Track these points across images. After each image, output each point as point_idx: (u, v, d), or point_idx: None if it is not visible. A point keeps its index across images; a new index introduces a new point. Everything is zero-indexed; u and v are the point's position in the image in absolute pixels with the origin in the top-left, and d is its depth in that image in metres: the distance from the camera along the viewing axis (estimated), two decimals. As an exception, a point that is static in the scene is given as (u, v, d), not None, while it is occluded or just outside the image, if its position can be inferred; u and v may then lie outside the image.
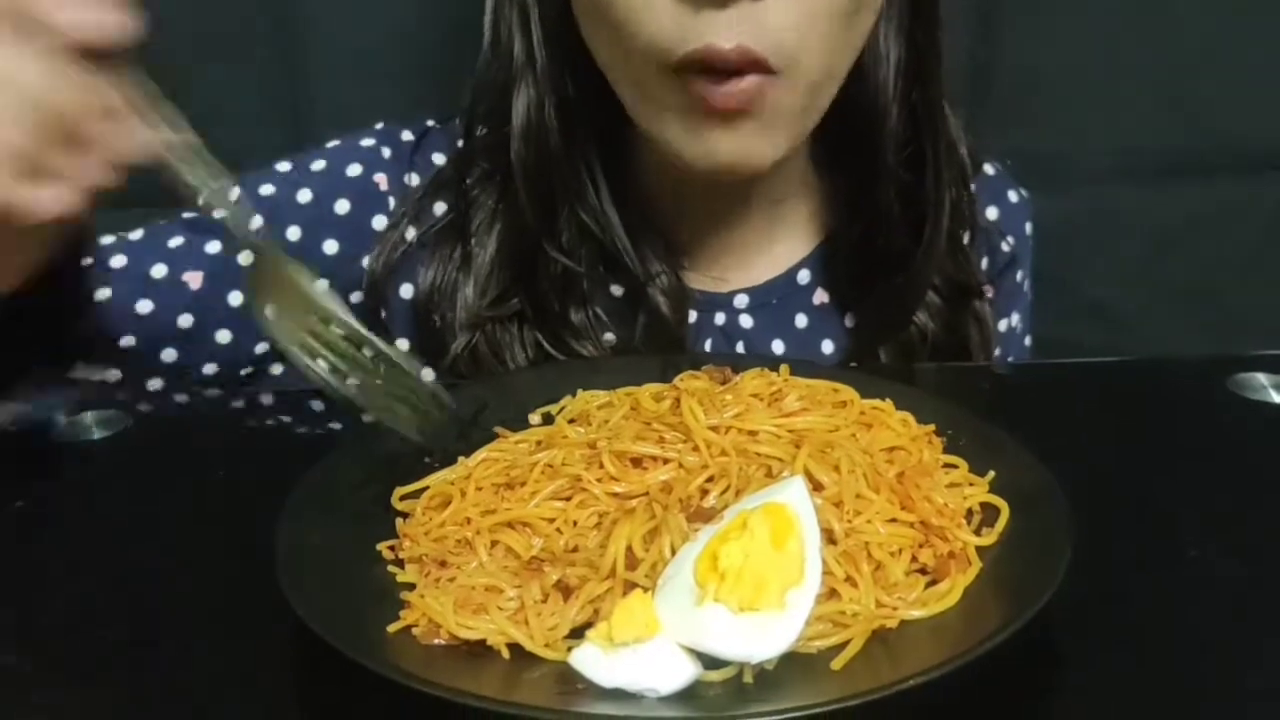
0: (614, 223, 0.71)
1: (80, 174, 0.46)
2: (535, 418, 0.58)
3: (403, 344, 0.73)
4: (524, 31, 0.69)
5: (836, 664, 0.41)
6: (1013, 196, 0.84)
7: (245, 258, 0.46)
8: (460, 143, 0.74)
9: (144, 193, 0.50)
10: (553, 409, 0.59)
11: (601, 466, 0.51)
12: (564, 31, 0.67)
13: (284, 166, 0.74)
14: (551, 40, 0.69)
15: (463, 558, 0.47)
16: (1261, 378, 0.65)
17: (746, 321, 0.76)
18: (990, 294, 0.79)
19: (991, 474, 0.51)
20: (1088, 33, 0.97)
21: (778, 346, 0.76)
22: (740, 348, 0.76)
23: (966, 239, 0.77)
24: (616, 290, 0.73)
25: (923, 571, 0.46)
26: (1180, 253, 1.04)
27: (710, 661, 0.41)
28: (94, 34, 0.45)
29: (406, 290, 0.73)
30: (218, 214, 0.46)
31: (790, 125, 0.64)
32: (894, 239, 0.73)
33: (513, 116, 0.69)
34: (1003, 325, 0.82)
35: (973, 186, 0.78)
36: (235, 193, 0.47)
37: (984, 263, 0.80)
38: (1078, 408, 0.66)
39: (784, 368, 0.59)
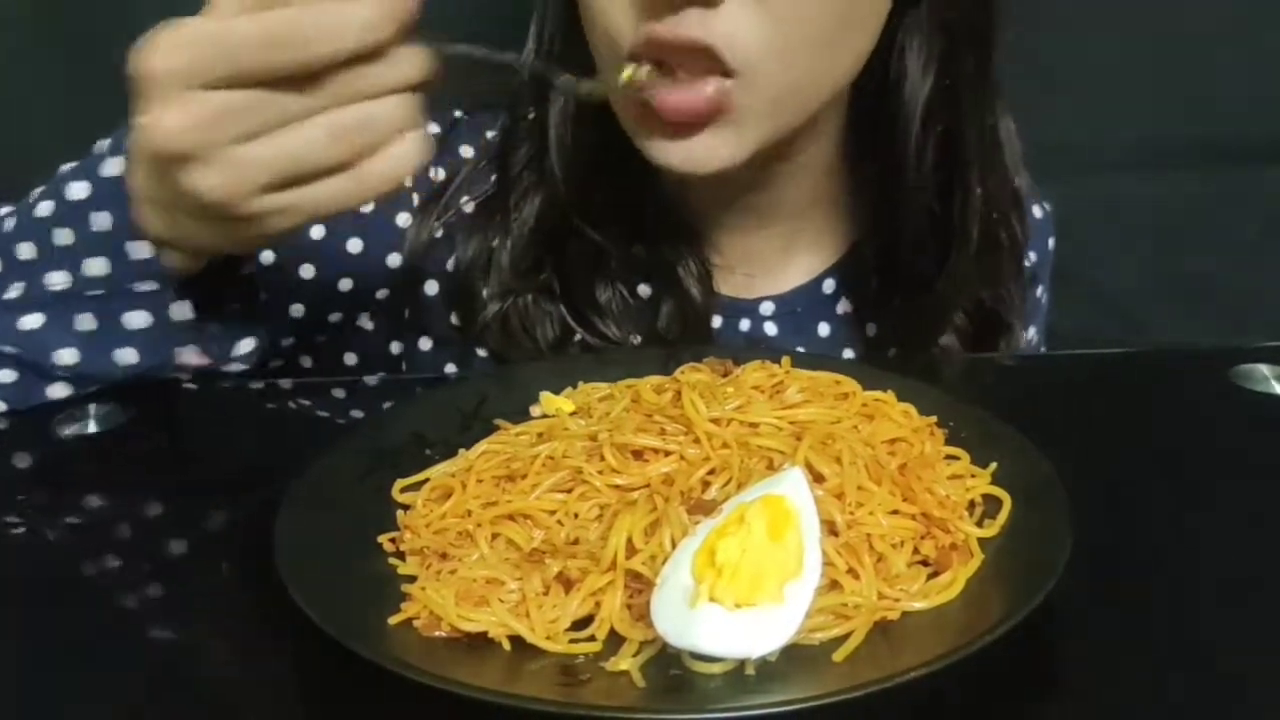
0: (645, 204, 0.72)
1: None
2: (537, 410, 0.58)
3: (454, 319, 0.75)
4: (569, 24, 0.69)
5: (838, 656, 0.41)
6: (1037, 212, 0.84)
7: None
8: (490, 133, 0.75)
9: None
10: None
11: (602, 459, 0.51)
12: None
13: None
14: None
15: (464, 550, 0.47)
16: (1265, 369, 0.65)
17: (771, 329, 0.77)
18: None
19: (993, 466, 0.51)
20: (1094, 23, 0.97)
21: (822, 354, 0.76)
22: None
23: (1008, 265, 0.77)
24: (644, 281, 0.74)
25: (924, 563, 0.46)
26: (1184, 244, 1.04)
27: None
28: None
29: (450, 263, 0.74)
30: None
31: (752, 133, 0.62)
32: (917, 260, 0.73)
33: (552, 106, 0.70)
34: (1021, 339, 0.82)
35: (1029, 216, 0.78)
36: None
37: None
38: (1080, 399, 0.66)
39: (785, 360, 0.58)
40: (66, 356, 0.60)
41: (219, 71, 0.46)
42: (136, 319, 0.59)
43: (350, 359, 0.76)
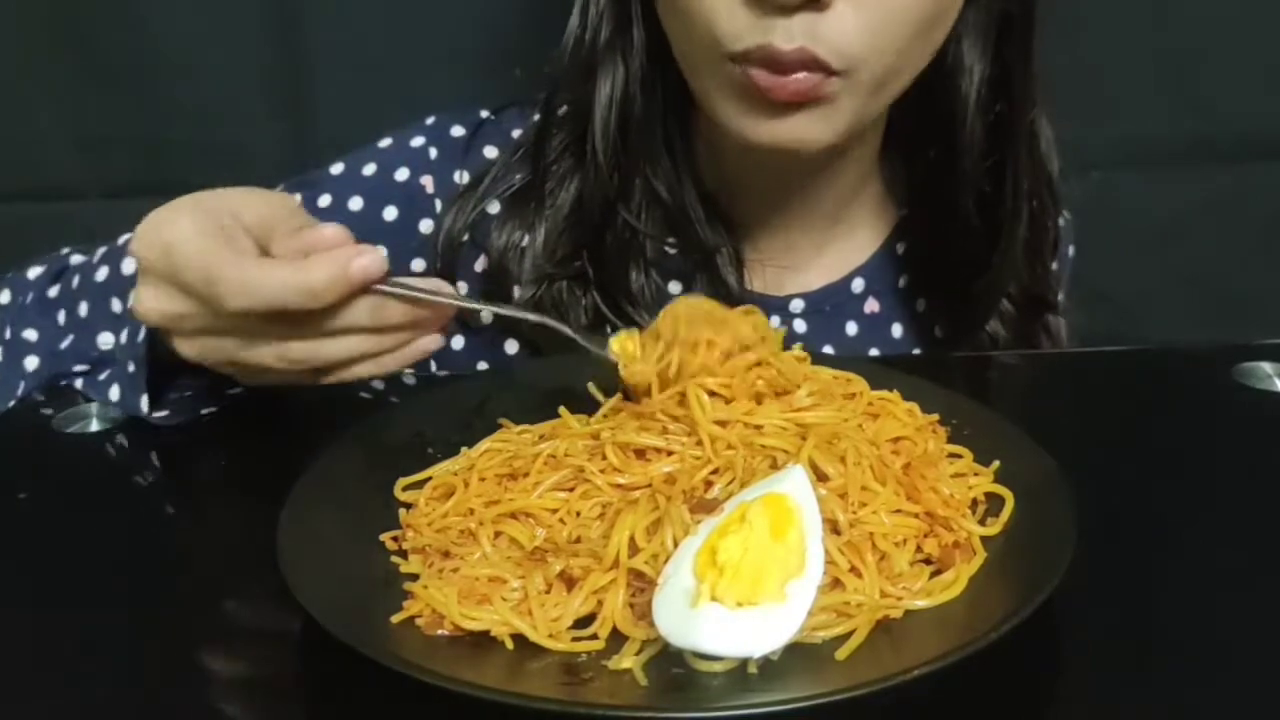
0: (687, 190, 0.72)
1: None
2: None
3: (486, 315, 0.75)
4: (619, 8, 0.70)
5: (841, 654, 0.41)
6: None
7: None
8: (516, 132, 0.75)
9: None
10: None
11: (604, 458, 0.51)
12: (652, 8, 0.68)
13: (337, 169, 0.75)
14: (646, 18, 0.70)
15: (466, 548, 0.47)
16: (1267, 367, 0.65)
17: (800, 326, 0.77)
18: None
19: (996, 464, 0.51)
20: (1092, 20, 0.97)
21: (828, 353, 0.77)
22: None
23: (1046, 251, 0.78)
24: (679, 269, 0.74)
25: (927, 562, 0.46)
26: (1185, 241, 1.03)
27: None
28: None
29: (480, 262, 0.74)
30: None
31: (847, 116, 0.64)
32: (970, 246, 0.74)
33: (598, 91, 0.70)
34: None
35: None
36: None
37: None
38: (1082, 397, 0.66)
39: (796, 347, 0.58)
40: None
41: (188, 290, 0.50)
42: (113, 392, 0.62)
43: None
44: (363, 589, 0.45)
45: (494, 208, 0.74)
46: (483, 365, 0.75)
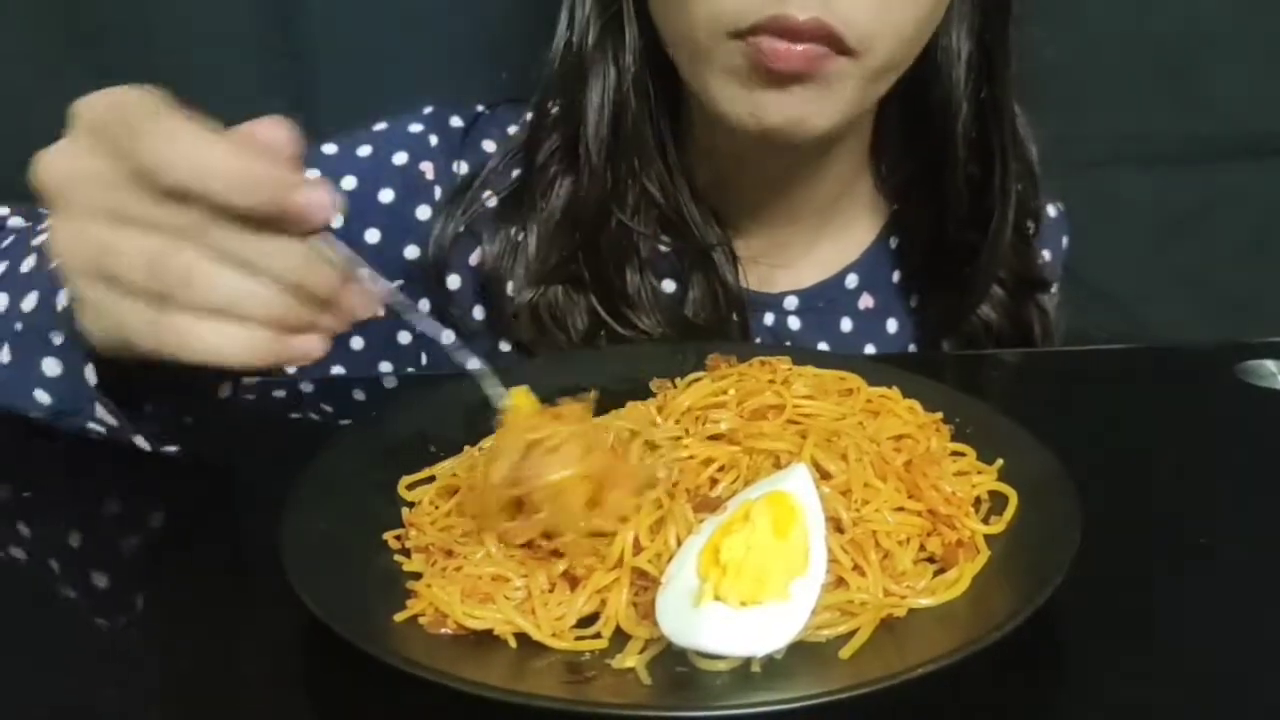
0: (681, 190, 0.72)
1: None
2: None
3: (479, 313, 0.75)
4: (606, 8, 0.70)
5: (844, 653, 0.41)
6: (1051, 211, 0.85)
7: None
8: (512, 129, 0.75)
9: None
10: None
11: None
12: (643, 7, 0.68)
13: (330, 149, 0.74)
14: (636, 16, 0.70)
15: (469, 547, 0.47)
16: (1270, 365, 0.65)
17: (794, 323, 0.77)
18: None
19: (999, 462, 0.51)
20: (1092, 17, 0.97)
21: (822, 350, 0.77)
22: None
23: (1031, 231, 0.79)
24: (676, 269, 0.74)
25: (931, 560, 0.46)
26: (1186, 238, 1.03)
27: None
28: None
29: (474, 257, 0.74)
30: (471, 365, 0.51)
31: (847, 99, 0.64)
32: (962, 231, 0.75)
33: (589, 94, 0.70)
34: None
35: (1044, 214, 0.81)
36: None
37: None
38: (1086, 395, 0.65)
39: (785, 358, 0.58)
40: None
41: (107, 140, 0.43)
42: (50, 365, 0.54)
43: (357, 343, 0.75)
44: (365, 588, 0.45)
45: (492, 202, 0.73)
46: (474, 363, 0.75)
